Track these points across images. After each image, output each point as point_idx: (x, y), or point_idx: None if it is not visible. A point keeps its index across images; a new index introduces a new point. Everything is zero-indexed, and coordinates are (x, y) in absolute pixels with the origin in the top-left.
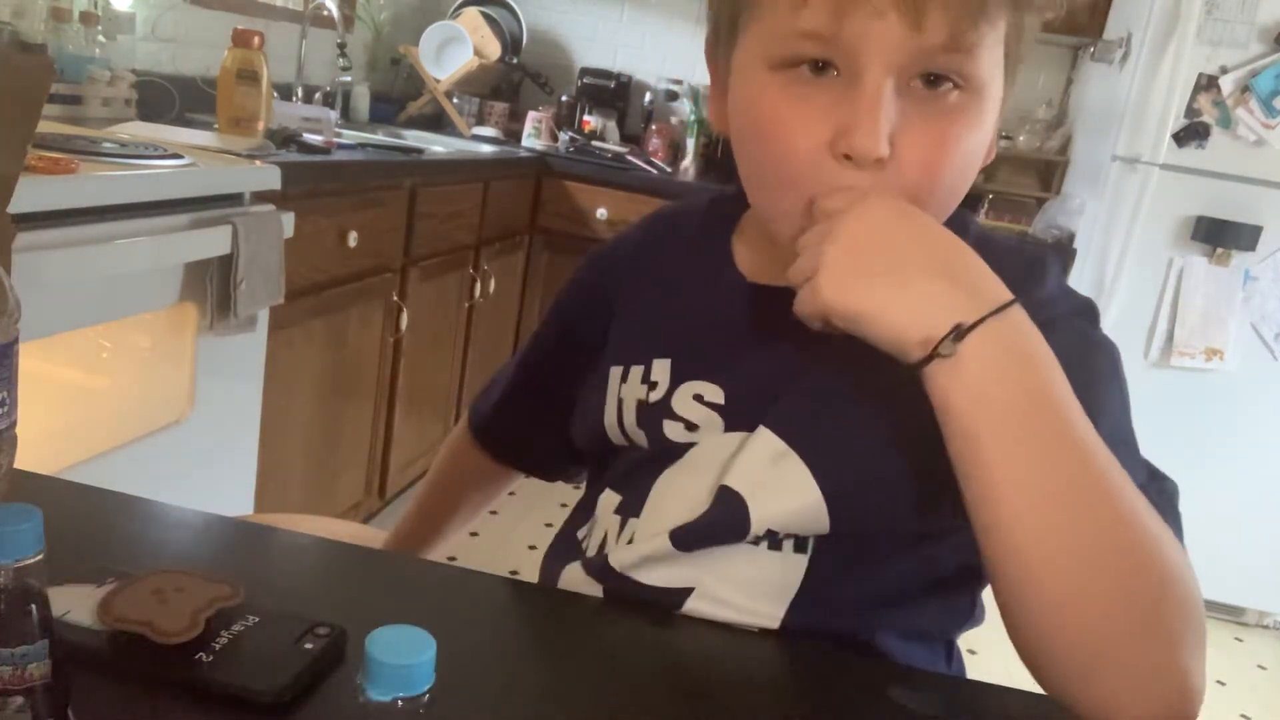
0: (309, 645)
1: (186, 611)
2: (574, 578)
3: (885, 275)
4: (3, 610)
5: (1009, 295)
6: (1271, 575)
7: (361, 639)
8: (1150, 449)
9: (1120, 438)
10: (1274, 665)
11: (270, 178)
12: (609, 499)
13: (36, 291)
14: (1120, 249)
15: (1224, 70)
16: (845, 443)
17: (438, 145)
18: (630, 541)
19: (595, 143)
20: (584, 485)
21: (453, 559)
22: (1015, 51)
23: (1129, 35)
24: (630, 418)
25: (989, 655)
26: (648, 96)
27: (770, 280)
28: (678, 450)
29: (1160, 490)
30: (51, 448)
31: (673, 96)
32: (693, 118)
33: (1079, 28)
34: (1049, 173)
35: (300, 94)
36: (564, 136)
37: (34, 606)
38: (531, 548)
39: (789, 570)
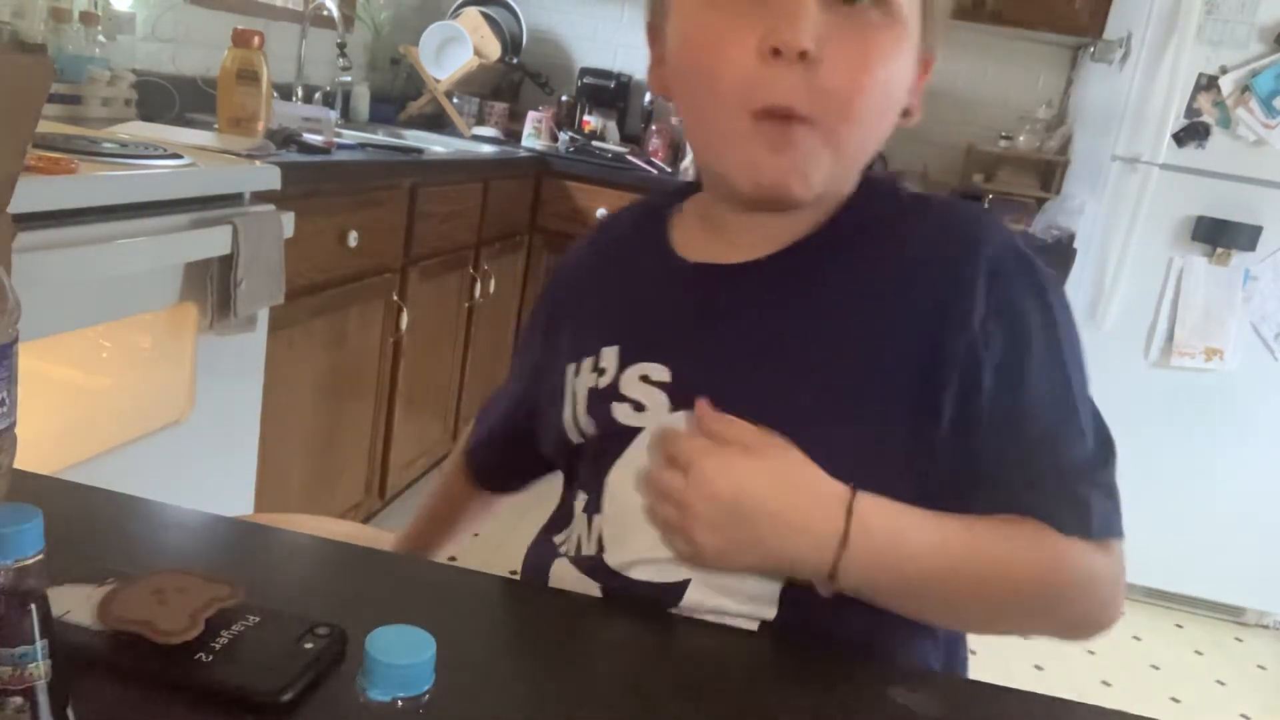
0: (309, 645)
1: (186, 611)
2: (565, 575)
3: (747, 543)
4: (3, 610)
5: (841, 507)
6: (1271, 575)
7: (361, 639)
8: (1150, 449)
9: (1052, 397)
10: (1274, 665)
11: (270, 178)
12: (580, 500)
13: (36, 291)
14: (1120, 249)
15: (1224, 70)
16: (796, 414)
17: (438, 145)
18: (600, 538)
19: (595, 143)
20: None
21: (453, 559)
22: (931, 3)
23: (1129, 35)
24: (582, 408)
25: (989, 655)
26: (648, 96)
27: (709, 259)
28: (628, 434)
29: (1098, 466)
30: (51, 448)
31: None
32: None
33: (1079, 28)
34: (1049, 173)
35: (300, 94)
36: (564, 136)
37: (34, 606)
38: None
39: None
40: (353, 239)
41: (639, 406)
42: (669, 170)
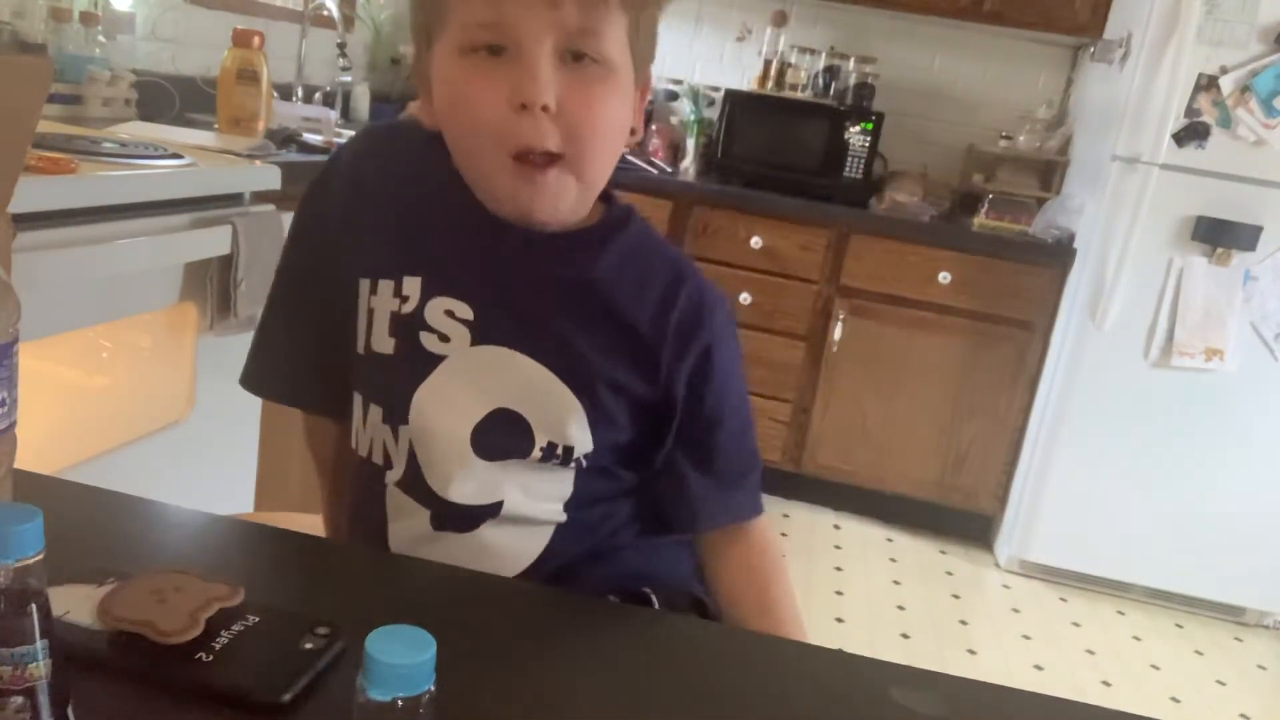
0: (309, 645)
1: (186, 611)
2: (399, 502)
3: None
4: (3, 610)
5: None
6: (1271, 575)
7: (361, 639)
8: (1150, 449)
9: (740, 427)
10: (1274, 665)
11: (270, 178)
12: (374, 411)
13: (36, 291)
14: (1120, 249)
15: (1224, 70)
16: (578, 366)
17: None
18: (410, 452)
19: None
20: None
21: None
22: (638, 45)
23: (1129, 35)
24: (382, 329)
25: (989, 655)
26: (648, 97)
27: (501, 214)
28: (433, 360)
29: (748, 480)
30: (51, 448)
31: (673, 96)
32: (692, 118)
33: (1079, 28)
34: (1049, 173)
35: (300, 94)
36: None
37: (34, 606)
38: None
39: (563, 479)
40: None
41: (444, 338)
42: (669, 170)
